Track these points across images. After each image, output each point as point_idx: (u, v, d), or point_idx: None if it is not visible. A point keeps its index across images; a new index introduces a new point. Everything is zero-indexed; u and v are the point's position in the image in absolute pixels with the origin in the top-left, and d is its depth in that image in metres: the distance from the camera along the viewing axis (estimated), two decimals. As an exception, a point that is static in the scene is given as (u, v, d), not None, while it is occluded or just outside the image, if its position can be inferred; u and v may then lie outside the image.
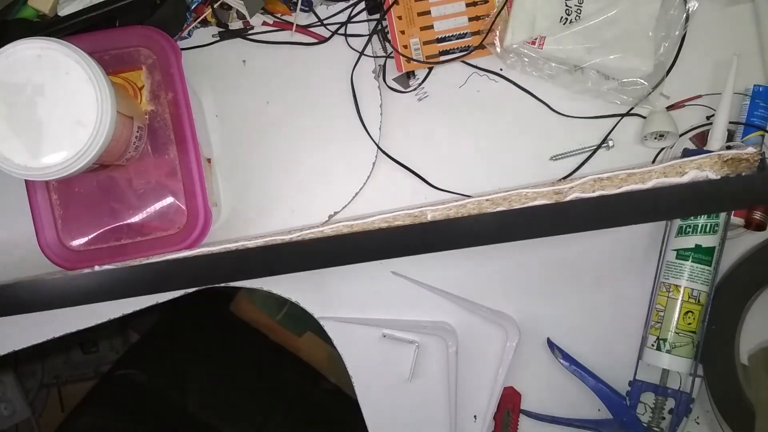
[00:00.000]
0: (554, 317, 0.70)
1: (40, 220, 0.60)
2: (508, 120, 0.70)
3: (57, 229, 0.61)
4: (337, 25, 0.69)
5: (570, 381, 0.68)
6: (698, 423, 0.69)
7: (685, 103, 0.69)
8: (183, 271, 0.56)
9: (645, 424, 0.67)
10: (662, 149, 0.69)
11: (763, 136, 0.66)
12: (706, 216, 0.64)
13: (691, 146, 0.68)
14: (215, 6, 0.68)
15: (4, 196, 0.67)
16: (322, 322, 0.70)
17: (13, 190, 0.64)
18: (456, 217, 0.56)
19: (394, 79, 0.70)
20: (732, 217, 0.66)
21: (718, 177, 0.63)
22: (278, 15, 0.70)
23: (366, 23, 0.70)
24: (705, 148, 0.66)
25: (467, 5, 0.69)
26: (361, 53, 0.69)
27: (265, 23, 0.70)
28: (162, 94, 0.61)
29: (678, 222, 0.66)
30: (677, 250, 0.65)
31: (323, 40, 0.69)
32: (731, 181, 0.54)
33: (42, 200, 0.60)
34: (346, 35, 0.69)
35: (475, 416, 0.70)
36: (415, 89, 0.70)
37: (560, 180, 0.68)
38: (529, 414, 0.70)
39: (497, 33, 0.67)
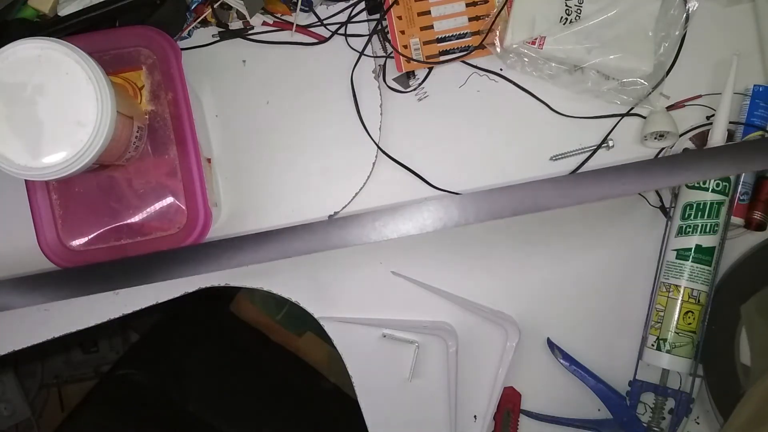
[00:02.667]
0: (554, 317, 0.70)
1: (40, 220, 0.60)
2: (508, 120, 0.70)
3: (57, 229, 0.61)
4: (337, 25, 0.69)
5: (570, 381, 0.68)
6: (698, 423, 0.69)
7: (685, 103, 0.69)
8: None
9: (645, 424, 0.67)
10: (662, 149, 0.69)
11: (763, 136, 0.66)
12: (706, 216, 0.64)
13: (691, 146, 0.68)
14: (215, 6, 0.68)
15: (4, 196, 0.67)
16: (322, 322, 0.70)
17: (13, 190, 0.64)
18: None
19: (394, 79, 0.70)
20: (732, 217, 0.66)
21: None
22: (278, 15, 0.70)
23: (366, 23, 0.70)
24: (705, 149, 0.66)
25: (467, 5, 0.69)
26: (361, 53, 0.69)
27: (265, 23, 0.70)
28: (162, 94, 0.61)
29: (678, 222, 0.66)
30: (677, 250, 0.65)
31: (323, 40, 0.69)
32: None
33: (42, 200, 0.60)
34: (346, 35, 0.69)
35: (475, 416, 0.70)
36: (415, 89, 0.70)
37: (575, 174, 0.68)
38: (529, 414, 0.70)
39: (497, 33, 0.67)
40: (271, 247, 0.60)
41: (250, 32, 0.70)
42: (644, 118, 0.69)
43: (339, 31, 0.69)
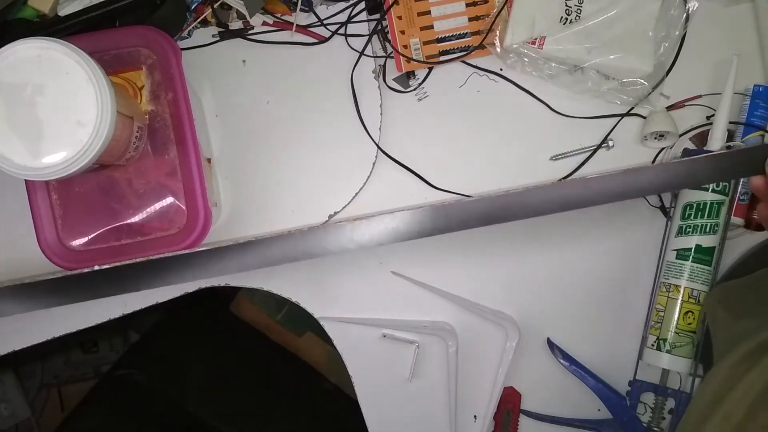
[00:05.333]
0: (554, 317, 0.70)
1: (40, 220, 0.60)
2: (508, 120, 0.70)
3: (57, 229, 0.61)
4: (337, 25, 0.69)
5: (570, 381, 0.68)
6: (698, 423, 0.69)
7: (685, 103, 0.69)
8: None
9: (645, 424, 0.67)
10: (662, 149, 0.69)
11: (763, 136, 0.66)
12: (706, 216, 0.64)
13: (691, 146, 0.68)
14: (215, 6, 0.68)
15: (4, 196, 0.67)
16: (322, 322, 0.70)
17: (13, 190, 0.64)
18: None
19: (394, 79, 0.70)
20: (732, 217, 0.66)
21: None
22: (278, 15, 0.70)
23: (366, 23, 0.70)
24: (705, 148, 0.66)
25: (467, 5, 0.69)
26: (361, 53, 0.69)
27: (265, 23, 0.70)
28: (162, 94, 0.61)
29: (678, 222, 0.66)
30: (677, 250, 0.65)
31: (323, 40, 0.69)
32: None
33: (42, 200, 0.60)
34: (346, 35, 0.69)
35: (475, 416, 0.70)
36: (415, 89, 0.70)
37: (560, 180, 0.68)
38: (529, 414, 0.70)
39: (497, 33, 0.67)
40: (248, 256, 0.59)
41: (250, 32, 0.70)
42: (644, 118, 0.69)
43: (339, 31, 0.69)
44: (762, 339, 0.52)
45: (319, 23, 0.69)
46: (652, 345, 0.65)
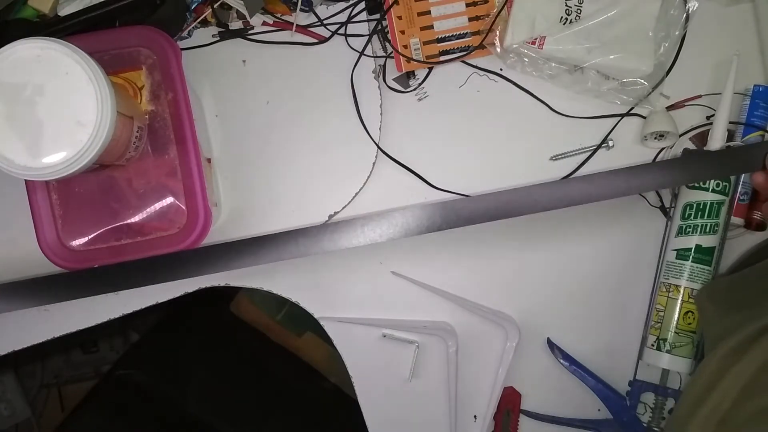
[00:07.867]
0: (554, 317, 0.70)
1: (40, 220, 0.60)
2: (508, 120, 0.70)
3: (57, 229, 0.61)
4: (337, 25, 0.69)
5: (570, 381, 0.68)
6: (698, 423, 0.69)
7: (685, 103, 0.69)
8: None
9: (645, 424, 0.67)
10: (662, 149, 0.69)
11: (763, 136, 0.66)
12: (706, 216, 0.64)
13: (691, 146, 0.68)
14: (215, 6, 0.68)
15: (4, 196, 0.67)
16: (322, 322, 0.70)
17: (13, 190, 0.64)
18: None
19: (394, 79, 0.70)
20: (732, 217, 0.66)
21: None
22: (278, 15, 0.70)
23: (366, 23, 0.70)
24: (705, 148, 0.66)
25: (467, 5, 0.69)
26: (361, 53, 0.69)
27: (265, 23, 0.70)
28: (162, 94, 0.61)
29: (678, 222, 0.66)
30: (677, 250, 0.65)
31: (323, 40, 0.69)
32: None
33: (42, 200, 0.60)
34: (346, 35, 0.69)
35: (475, 416, 0.70)
36: (415, 89, 0.70)
37: (560, 180, 0.68)
38: (529, 414, 0.70)
39: (497, 33, 0.67)
40: (266, 251, 0.60)
41: (250, 32, 0.70)
42: (644, 118, 0.69)
43: (339, 31, 0.69)
44: (749, 331, 0.53)
45: (319, 23, 0.69)
46: (652, 345, 0.65)
